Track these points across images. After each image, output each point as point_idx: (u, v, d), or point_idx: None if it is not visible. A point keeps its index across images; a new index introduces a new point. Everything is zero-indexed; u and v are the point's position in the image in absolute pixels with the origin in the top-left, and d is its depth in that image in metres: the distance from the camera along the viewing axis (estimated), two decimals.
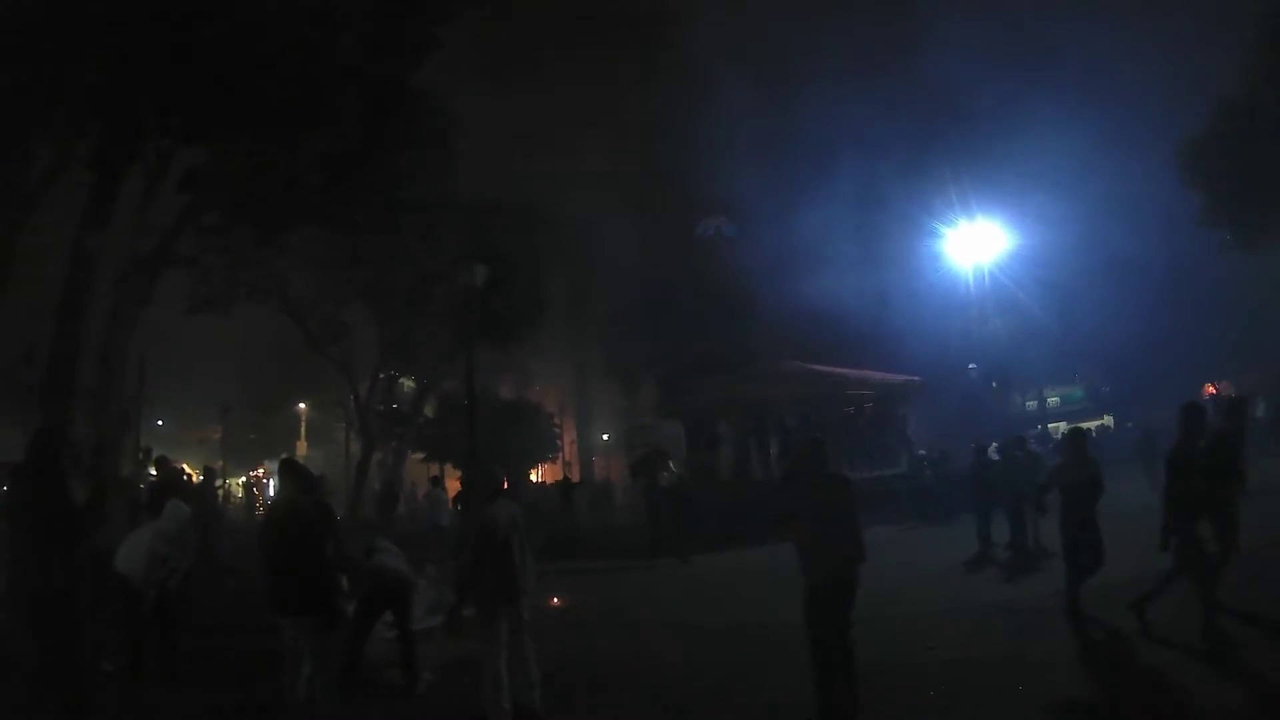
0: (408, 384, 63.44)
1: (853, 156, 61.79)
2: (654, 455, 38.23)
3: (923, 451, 39.90)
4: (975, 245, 51.84)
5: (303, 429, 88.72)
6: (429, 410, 61.23)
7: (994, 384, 57.84)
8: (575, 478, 64.43)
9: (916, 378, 45.43)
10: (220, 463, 67.45)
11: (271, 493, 68.25)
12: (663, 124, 75.40)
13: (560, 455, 77.68)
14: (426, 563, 19.63)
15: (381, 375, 56.87)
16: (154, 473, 15.45)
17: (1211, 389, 61.99)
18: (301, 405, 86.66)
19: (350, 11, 29.87)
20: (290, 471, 13.16)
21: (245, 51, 27.29)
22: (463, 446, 44.50)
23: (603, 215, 71.90)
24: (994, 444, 29.33)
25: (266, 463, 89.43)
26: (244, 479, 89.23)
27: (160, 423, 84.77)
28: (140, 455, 45.50)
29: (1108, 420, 56.90)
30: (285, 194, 36.55)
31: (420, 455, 62.16)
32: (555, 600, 23.10)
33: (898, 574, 20.73)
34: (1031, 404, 72.95)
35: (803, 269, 60.47)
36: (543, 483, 68.61)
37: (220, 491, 53.53)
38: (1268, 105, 34.61)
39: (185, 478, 25.16)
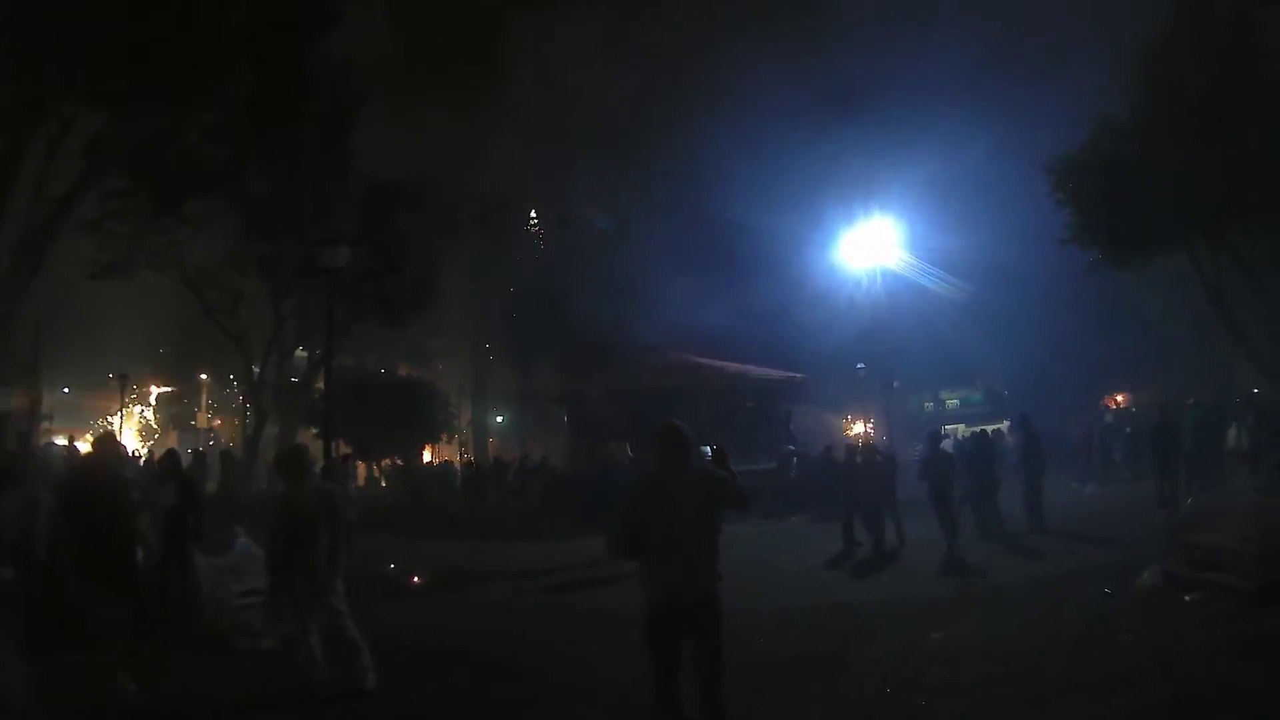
0: (303, 356, 62.82)
1: (752, 154, 62.32)
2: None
3: (792, 447, 40.28)
4: (872, 247, 52.65)
5: (203, 400, 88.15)
6: (322, 384, 60.15)
7: (895, 384, 58.47)
8: (471, 458, 65.18)
9: (799, 375, 46.28)
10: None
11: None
12: (559, 112, 76.09)
13: (455, 436, 77.68)
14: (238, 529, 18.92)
15: (276, 348, 56.64)
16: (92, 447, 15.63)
17: (1111, 401, 63.19)
18: (203, 376, 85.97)
19: None
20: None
21: (143, 22, 27.67)
22: (352, 424, 45.06)
23: (502, 201, 72.35)
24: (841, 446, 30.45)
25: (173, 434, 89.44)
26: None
27: (66, 390, 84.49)
28: (46, 423, 45.83)
29: (1004, 425, 58.48)
30: (182, 164, 36.97)
31: (314, 430, 62.63)
32: (416, 578, 23.53)
33: (752, 570, 20.54)
34: (929, 405, 73.89)
35: (698, 265, 61.20)
36: (435, 462, 68.52)
37: None
38: (1142, 126, 35.28)
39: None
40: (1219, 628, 14.39)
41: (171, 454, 18.97)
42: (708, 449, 11.01)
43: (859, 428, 67.97)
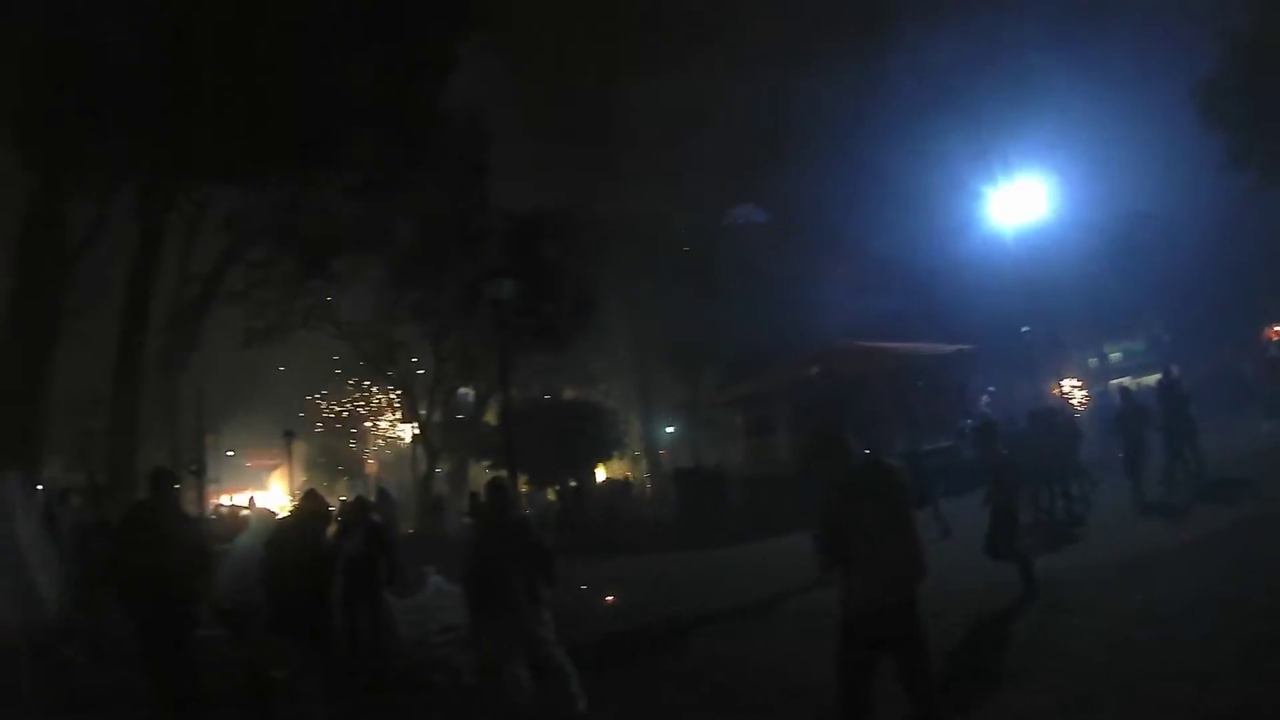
0: (468, 394, 63.03)
1: (882, 127, 61.43)
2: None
3: (969, 421, 39.04)
4: (1017, 204, 51.62)
5: (371, 445, 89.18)
6: (491, 418, 60.76)
7: (1057, 342, 57.31)
8: (634, 473, 65.02)
9: (967, 346, 44.28)
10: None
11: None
12: (690, 115, 75.71)
13: (626, 451, 77.51)
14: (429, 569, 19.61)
15: (441, 388, 57.11)
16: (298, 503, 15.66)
17: (1272, 333, 61.29)
18: (368, 424, 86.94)
19: (362, 45, 30.18)
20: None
21: (262, 96, 27.67)
22: (526, 452, 44.99)
23: (642, 212, 72.03)
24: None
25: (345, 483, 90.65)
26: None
27: (230, 454, 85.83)
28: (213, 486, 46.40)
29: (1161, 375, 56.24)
30: (322, 225, 37.14)
31: (486, 463, 62.54)
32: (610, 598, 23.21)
33: (938, 548, 20.09)
34: (1093, 361, 72.39)
35: (854, 248, 60.47)
36: (612, 480, 68.10)
37: None
38: (1273, 38, 34.17)
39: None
40: None
41: (359, 501, 18.75)
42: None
43: (1068, 389, 66.55)
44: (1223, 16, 38.95)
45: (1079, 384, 63.72)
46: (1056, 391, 55.94)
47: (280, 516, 16.58)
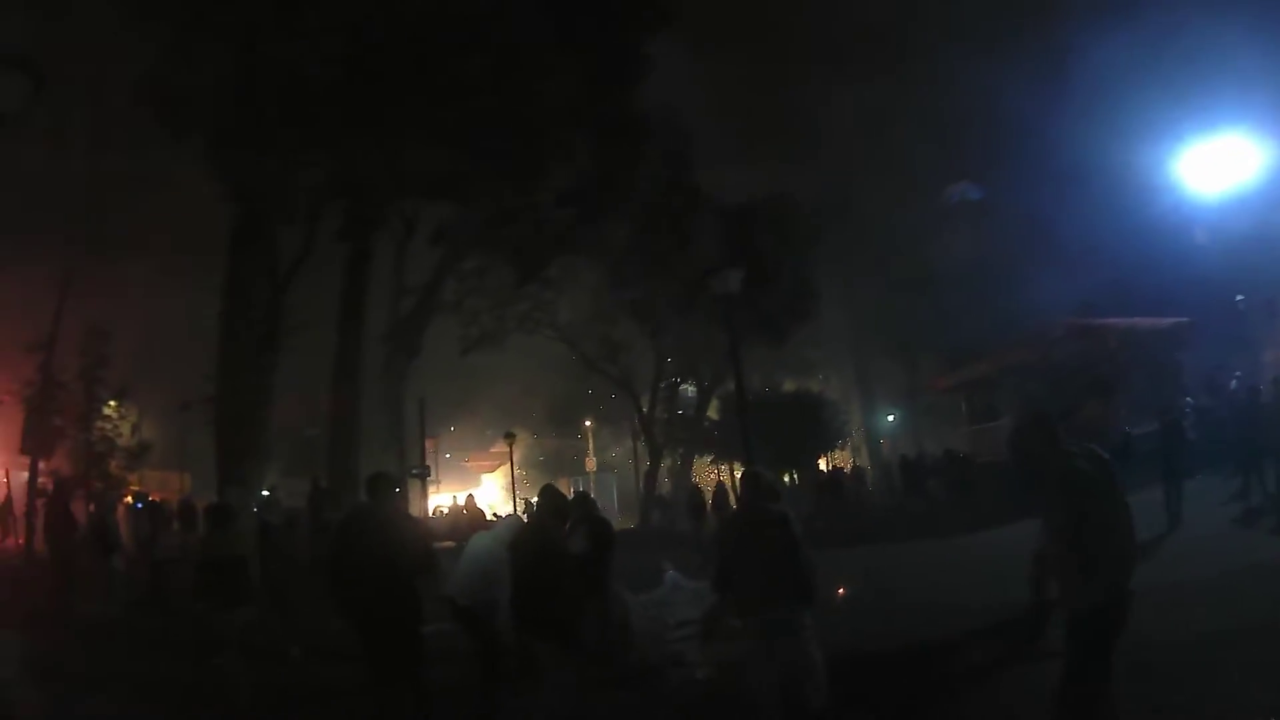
0: (689, 389, 64.14)
1: (1093, 91, 60.36)
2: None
3: (1189, 399, 37.70)
4: (1224, 166, 50.30)
5: (590, 445, 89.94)
6: (713, 412, 61.10)
7: (1276, 311, 55.74)
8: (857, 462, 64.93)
9: (1185, 319, 43.29)
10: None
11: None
12: (903, 98, 75.61)
13: (848, 441, 77.19)
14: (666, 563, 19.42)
15: (662, 384, 58.17)
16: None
17: None
18: (588, 423, 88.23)
19: (558, 53, 30.48)
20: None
21: (464, 110, 28.07)
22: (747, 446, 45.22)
23: (855, 199, 71.69)
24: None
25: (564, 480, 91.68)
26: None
27: (448, 456, 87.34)
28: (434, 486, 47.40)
29: None
30: (534, 233, 37.70)
31: (708, 458, 62.74)
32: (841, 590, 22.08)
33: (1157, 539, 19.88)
34: None
35: (1065, 224, 59.63)
36: (835, 468, 67.71)
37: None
38: None
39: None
40: None
41: (583, 498, 18.95)
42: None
43: None
44: None
45: None
46: None
47: (524, 518, 16.75)
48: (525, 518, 17.06)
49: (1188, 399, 33.67)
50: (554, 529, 13.49)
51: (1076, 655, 8.18)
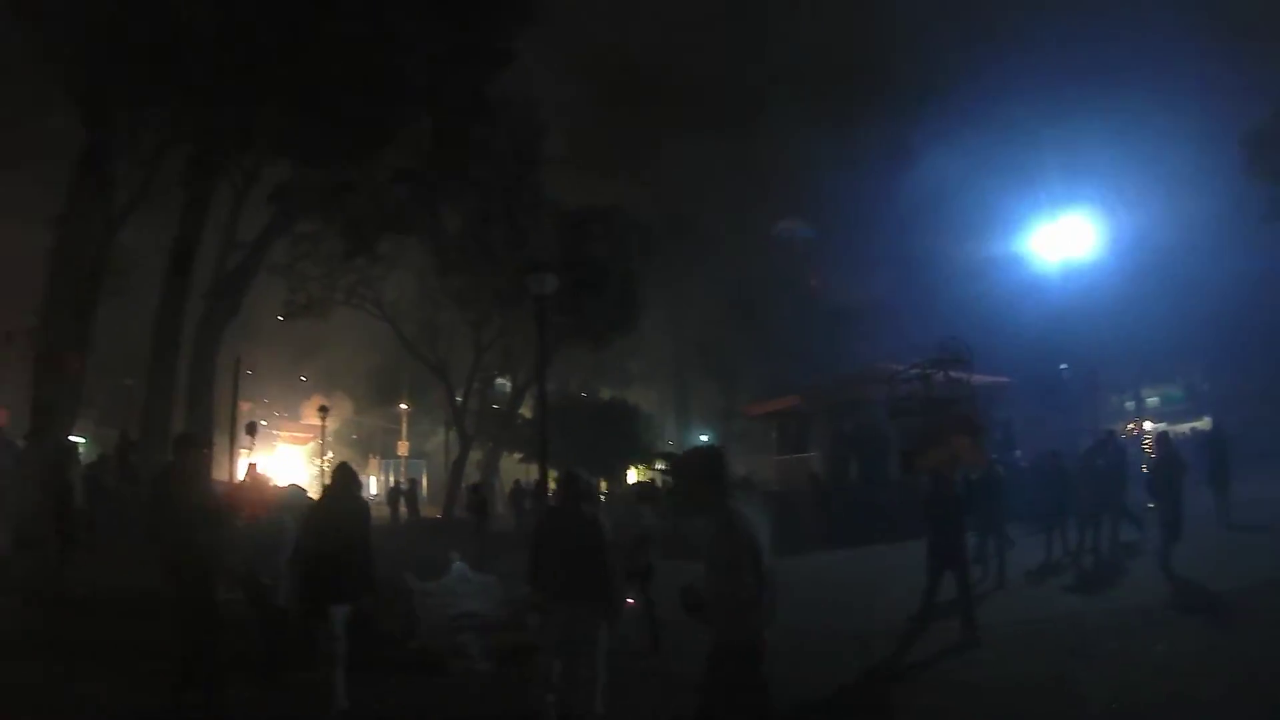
0: (505, 384, 63.97)
1: (933, 156, 61.60)
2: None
3: (1017, 452, 38.44)
4: (1065, 242, 51.83)
5: (404, 429, 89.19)
6: (527, 410, 60.85)
7: (1097, 382, 57.44)
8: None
9: (1004, 378, 44.16)
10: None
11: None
12: (746, 133, 76.44)
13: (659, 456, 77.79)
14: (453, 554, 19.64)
15: (478, 376, 57.85)
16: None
17: None
18: (402, 406, 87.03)
19: (420, 31, 30.31)
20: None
21: (321, 75, 27.83)
22: (558, 446, 45.18)
23: (691, 218, 72.39)
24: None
25: (375, 462, 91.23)
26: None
27: (264, 424, 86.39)
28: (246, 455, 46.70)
29: (1204, 422, 56.14)
30: (371, 206, 37.38)
31: (518, 455, 62.64)
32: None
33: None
34: (1130, 404, 72.29)
35: (887, 271, 60.68)
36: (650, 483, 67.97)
37: None
38: None
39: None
40: None
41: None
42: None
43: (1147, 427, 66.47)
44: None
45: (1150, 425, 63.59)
46: (1133, 430, 56.31)
47: (317, 493, 16.53)
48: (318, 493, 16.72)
49: (1016, 451, 34.45)
50: (345, 506, 13.37)
51: (715, 688, 8.15)
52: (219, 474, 30.61)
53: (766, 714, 8.16)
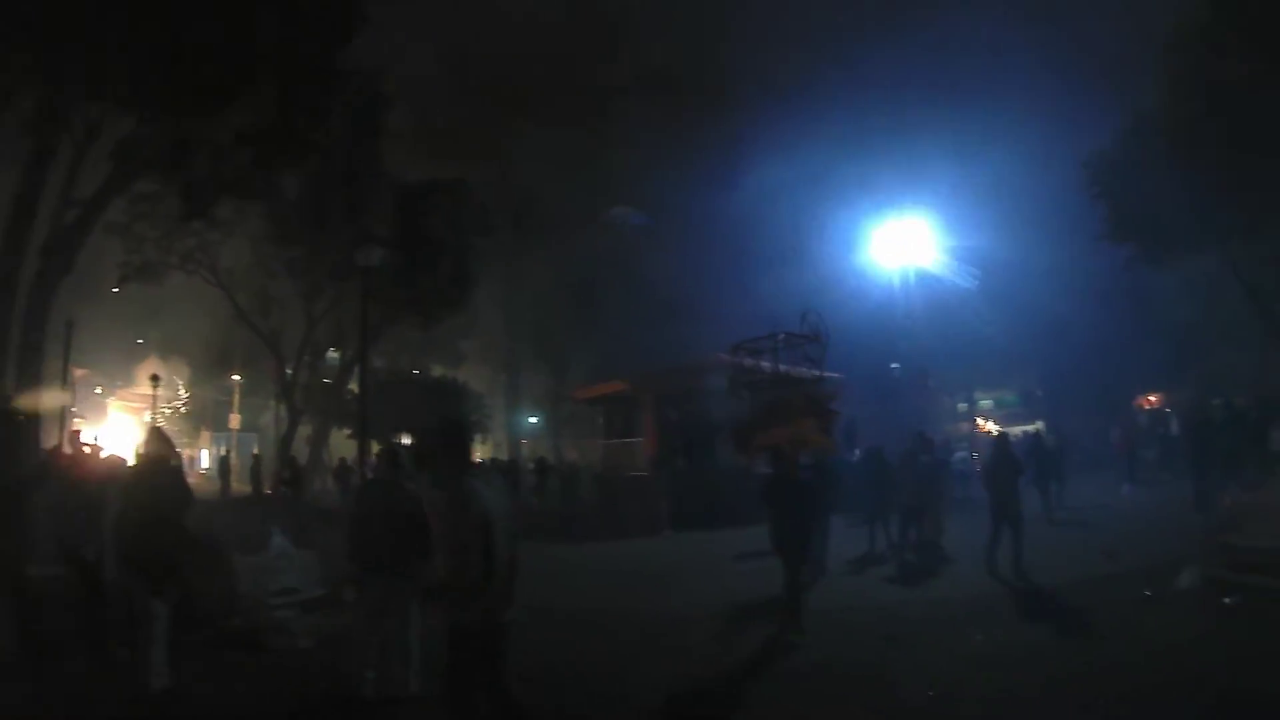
0: (336, 358, 63.66)
1: (780, 155, 62.19)
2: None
3: (856, 451, 39.01)
4: (906, 245, 52.80)
5: (235, 401, 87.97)
6: (355, 385, 59.86)
7: (929, 383, 58.49)
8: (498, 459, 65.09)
9: (836, 374, 44.69)
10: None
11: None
12: (592, 117, 76.70)
13: (489, 437, 77.74)
14: (274, 529, 19.59)
15: (309, 349, 57.51)
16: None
17: (1145, 402, 63.16)
18: (235, 377, 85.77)
19: None
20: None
21: (169, 27, 27.60)
22: (386, 425, 45.02)
23: (535, 199, 72.45)
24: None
25: (207, 435, 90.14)
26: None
27: (99, 391, 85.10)
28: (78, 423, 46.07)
29: (1038, 426, 57.75)
30: (212, 168, 36.97)
31: (347, 431, 62.39)
32: None
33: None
34: (963, 406, 73.62)
35: (733, 264, 61.27)
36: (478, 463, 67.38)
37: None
38: (1176, 121, 34.95)
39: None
40: (1263, 633, 14.38)
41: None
42: None
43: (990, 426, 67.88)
44: (1130, 92, 39.90)
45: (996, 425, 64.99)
46: (978, 431, 57.72)
47: (132, 462, 16.41)
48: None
49: (856, 450, 35.11)
50: (164, 473, 13.51)
51: (461, 668, 8.70)
52: (48, 443, 30.17)
53: (506, 698, 8.69)
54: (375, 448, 22.45)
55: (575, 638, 16.85)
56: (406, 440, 49.97)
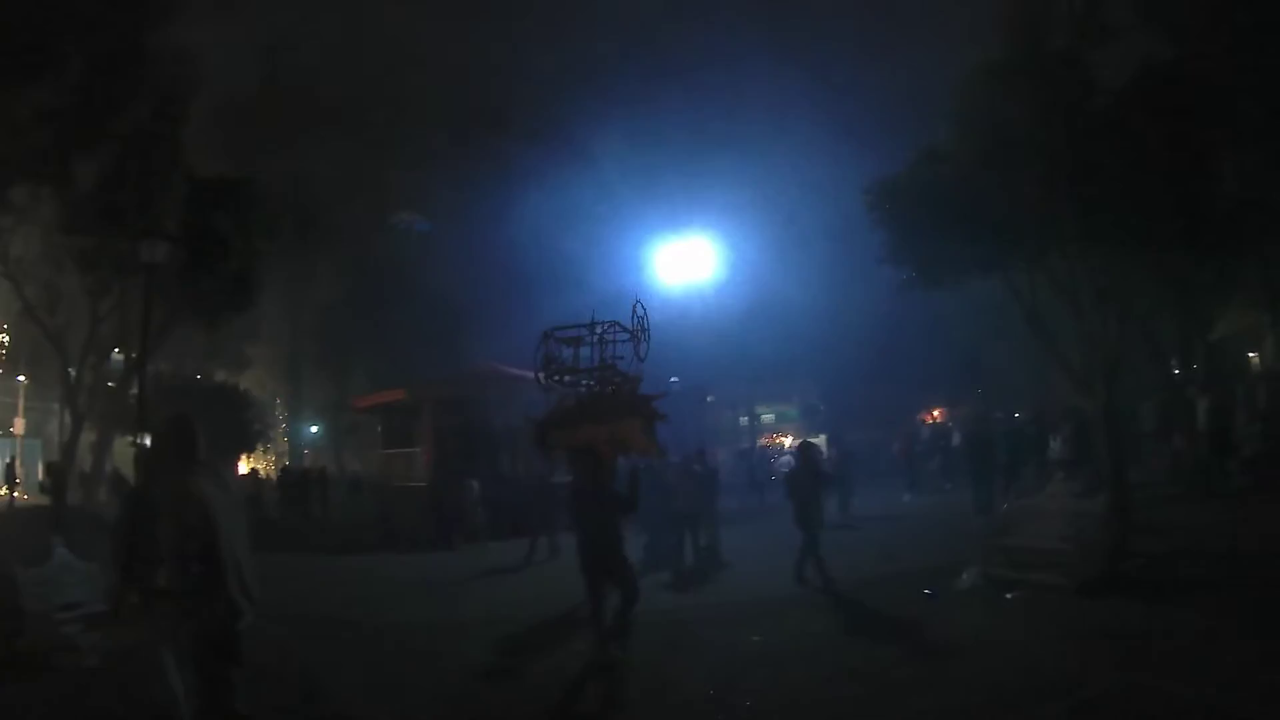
0: (119, 360, 61.54)
1: (564, 172, 63.19)
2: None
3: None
4: (688, 263, 53.95)
5: (20, 404, 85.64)
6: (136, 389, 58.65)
7: (709, 398, 59.60)
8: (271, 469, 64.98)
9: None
10: None
11: None
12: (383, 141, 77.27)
13: (270, 445, 77.27)
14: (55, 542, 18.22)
15: (92, 350, 56.11)
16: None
17: (929, 416, 65.17)
18: (21, 378, 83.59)
19: None
20: None
21: None
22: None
23: (322, 204, 72.30)
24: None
25: None
26: None
27: None
28: None
29: (819, 439, 59.28)
30: (9, 145, 36.55)
31: (130, 438, 61.33)
32: None
33: (552, 584, 23.06)
34: (744, 419, 74.92)
35: (515, 275, 61.96)
36: (255, 472, 67.08)
37: None
38: (963, 154, 36.13)
39: None
40: (1040, 622, 15.94)
41: None
42: None
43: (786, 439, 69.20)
44: (921, 127, 41.21)
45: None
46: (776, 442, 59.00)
47: None
48: None
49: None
50: None
51: (201, 676, 8.87)
52: None
53: (227, 709, 8.72)
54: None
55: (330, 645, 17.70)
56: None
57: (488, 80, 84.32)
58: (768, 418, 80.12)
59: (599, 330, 19.69)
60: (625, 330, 18.98)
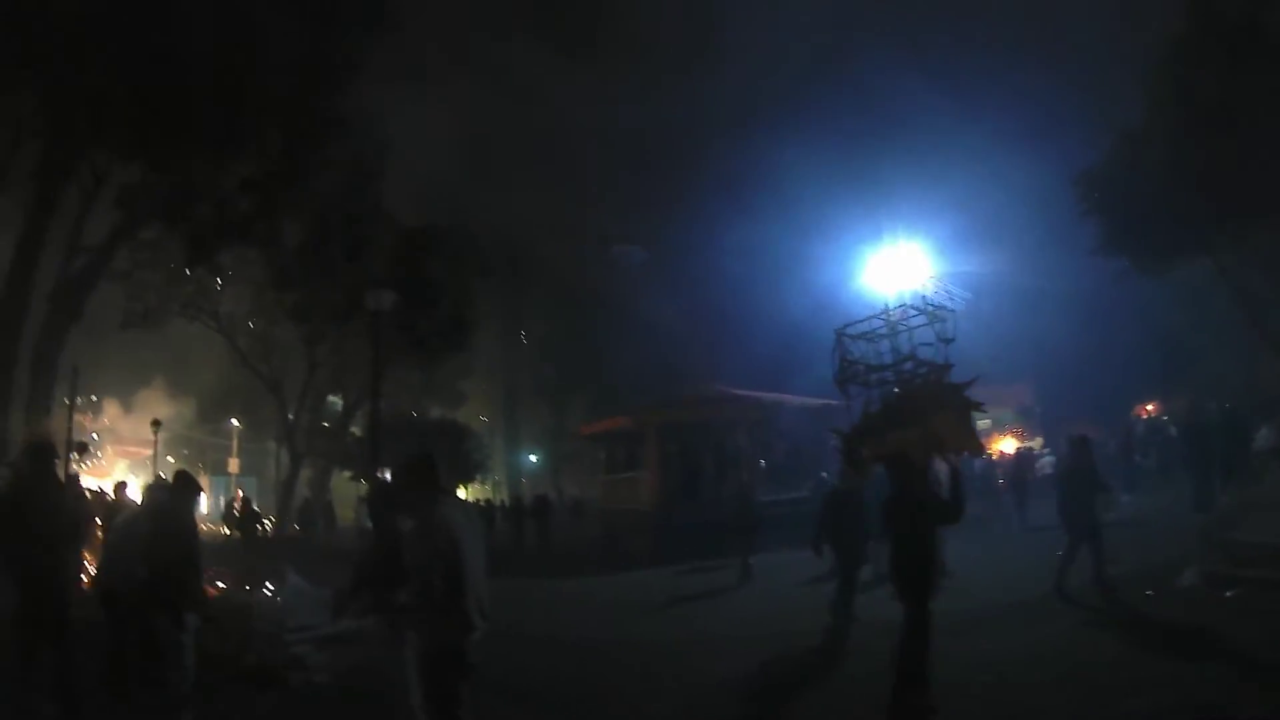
0: (337, 402, 63.96)
1: (781, 182, 62.56)
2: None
3: (824, 474, 38.64)
4: (900, 270, 53.26)
5: (234, 445, 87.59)
6: (356, 428, 60.81)
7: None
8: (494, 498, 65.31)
9: (836, 401, 44.13)
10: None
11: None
12: (586, 154, 77.12)
13: (489, 475, 77.68)
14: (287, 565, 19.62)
15: (310, 392, 57.36)
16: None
17: (1143, 410, 63.46)
18: (234, 422, 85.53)
19: (271, 41, 30.47)
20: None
21: (175, 79, 27.91)
22: (388, 464, 45.17)
23: (532, 240, 72.66)
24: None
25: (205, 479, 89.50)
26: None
27: (95, 436, 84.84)
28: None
29: (1036, 442, 58.11)
30: (215, 215, 37.17)
31: (348, 473, 62.24)
32: None
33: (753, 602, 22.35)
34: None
35: (724, 296, 61.41)
36: (489, 502, 67.54)
37: None
38: (1160, 134, 35.20)
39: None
40: (1265, 621, 14.41)
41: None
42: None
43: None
44: (1115, 110, 40.17)
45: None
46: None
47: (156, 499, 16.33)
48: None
49: (824, 474, 35.13)
50: (176, 513, 13.29)
51: (431, 690, 8.92)
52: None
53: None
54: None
55: (565, 664, 16.87)
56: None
57: (705, 102, 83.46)
58: (984, 422, 78.26)
59: (894, 318, 18.44)
60: (921, 312, 17.38)
